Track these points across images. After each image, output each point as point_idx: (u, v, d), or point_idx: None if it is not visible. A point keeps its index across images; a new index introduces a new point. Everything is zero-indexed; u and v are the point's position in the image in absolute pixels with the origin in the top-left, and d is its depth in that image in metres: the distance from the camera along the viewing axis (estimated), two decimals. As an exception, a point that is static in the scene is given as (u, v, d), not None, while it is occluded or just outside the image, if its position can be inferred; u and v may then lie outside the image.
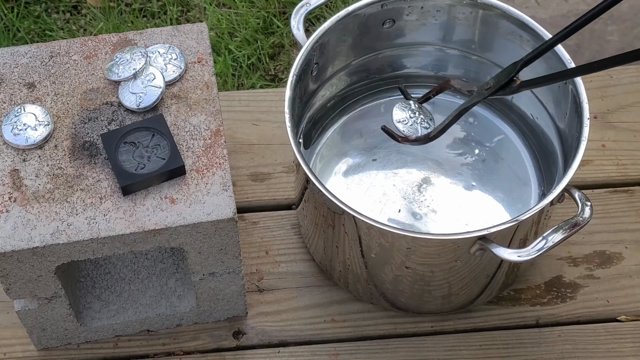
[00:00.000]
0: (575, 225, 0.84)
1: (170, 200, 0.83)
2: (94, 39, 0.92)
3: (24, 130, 0.85)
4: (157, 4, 1.79)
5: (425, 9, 0.99)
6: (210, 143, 0.86)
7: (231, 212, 0.82)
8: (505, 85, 0.82)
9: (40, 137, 0.85)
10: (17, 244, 0.80)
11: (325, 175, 1.03)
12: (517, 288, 1.01)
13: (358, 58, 1.03)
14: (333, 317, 1.00)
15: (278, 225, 1.05)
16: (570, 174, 0.85)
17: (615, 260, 1.03)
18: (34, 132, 0.85)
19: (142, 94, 0.88)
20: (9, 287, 0.84)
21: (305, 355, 0.97)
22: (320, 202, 0.89)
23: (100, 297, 0.96)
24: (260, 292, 1.01)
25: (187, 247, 0.85)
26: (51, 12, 1.80)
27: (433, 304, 0.98)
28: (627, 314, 1.00)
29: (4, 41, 1.72)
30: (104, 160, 0.85)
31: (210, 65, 0.91)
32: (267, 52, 1.69)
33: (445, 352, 0.97)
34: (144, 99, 0.87)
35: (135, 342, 0.98)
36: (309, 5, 0.96)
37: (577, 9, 1.91)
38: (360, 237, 0.88)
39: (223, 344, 0.98)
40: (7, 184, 0.83)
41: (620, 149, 1.11)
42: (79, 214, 0.81)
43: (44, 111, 0.86)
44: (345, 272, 0.96)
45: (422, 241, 0.86)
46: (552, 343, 0.98)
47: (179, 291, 0.96)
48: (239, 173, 1.08)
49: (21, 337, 0.96)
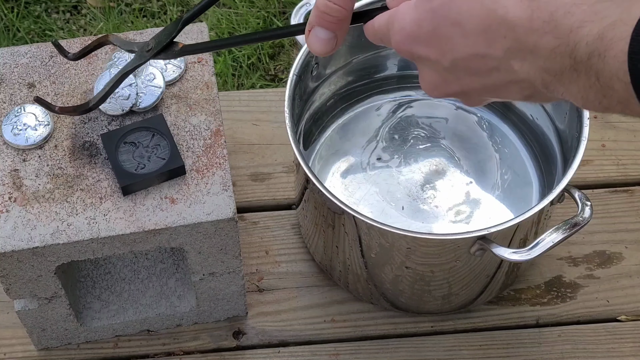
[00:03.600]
0: (575, 225, 0.84)
1: (170, 200, 0.83)
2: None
3: (24, 130, 0.85)
4: (157, 4, 1.79)
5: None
6: (210, 143, 0.86)
7: (231, 212, 0.82)
8: (167, 47, 0.75)
9: (40, 137, 0.85)
10: (17, 244, 0.80)
11: (325, 175, 1.03)
12: (517, 288, 1.01)
13: (358, 57, 1.03)
14: (333, 317, 1.00)
15: (278, 225, 1.05)
16: (570, 174, 0.85)
17: (615, 260, 1.03)
18: (34, 132, 0.85)
19: (142, 94, 0.88)
20: (9, 287, 0.84)
21: (305, 355, 0.97)
22: (320, 202, 0.89)
23: (100, 297, 0.96)
24: (260, 292, 1.01)
25: (187, 247, 0.85)
26: (51, 12, 1.80)
27: (433, 304, 0.98)
28: (627, 314, 1.00)
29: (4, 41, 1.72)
30: (104, 160, 0.85)
31: (210, 65, 0.91)
32: (267, 52, 1.70)
33: (445, 352, 0.97)
34: (144, 99, 0.87)
35: (135, 342, 0.98)
36: (309, 5, 0.96)
37: (577, 9, 1.90)
38: (360, 237, 0.88)
39: (223, 344, 0.98)
40: (7, 184, 0.83)
41: (620, 149, 1.11)
42: (79, 214, 0.81)
43: (44, 111, 0.86)
44: (345, 272, 0.96)
45: (422, 241, 0.86)
46: (552, 343, 0.98)
47: (179, 291, 0.96)
48: (239, 173, 1.08)
49: (21, 337, 0.96)
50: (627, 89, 0.47)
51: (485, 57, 0.54)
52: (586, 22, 0.48)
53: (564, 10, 0.49)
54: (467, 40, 0.54)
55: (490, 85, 0.56)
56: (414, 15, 0.56)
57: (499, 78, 0.55)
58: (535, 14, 0.50)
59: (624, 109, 0.49)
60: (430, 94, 0.60)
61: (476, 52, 0.54)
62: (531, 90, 0.54)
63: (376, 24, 0.61)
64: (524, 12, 0.51)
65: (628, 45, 0.46)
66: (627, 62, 0.46)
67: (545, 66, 0.51)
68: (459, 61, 0.55)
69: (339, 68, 1.02)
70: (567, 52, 0.49)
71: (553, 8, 0.50)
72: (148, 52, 0.75)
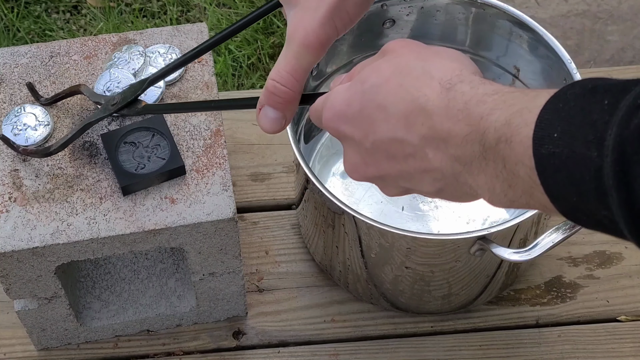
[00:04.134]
0: (575, 225, 0.84)
1: (170, 200, 0.83)
2: (94, 39, 0.92)
3: (24, 130, 0.85)
4: (157, 4, 1.79)
5: (426, 9, 0.99)
6: (210, 143, 0.86)
7: (231, 212, 0.82)
8: (131, 103, 0.78)
9: (40, 137, 0.85)
10: (17, 244, 0.80)
11: (325, 175, 1.03)
12: (517, 288, 1.01)
13: (358, 56, 1.03)
14: (333, 317, 1.00)
15: (278, 225, 1.05)
16: (570, 174, 0.85)
17: (615, 260, 1.03)
18: (34, 132, 0.85)
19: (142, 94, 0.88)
20: (9, 287, 0.84)
21: (305, 355, 0.97)
22: (320, 202, 0.90)
23: (100, 297, 0.96)
24: (260, 292, 1.01)
25: (187, 247, 0.85)
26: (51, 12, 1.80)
27: (433, 304, 0.98)
28: (627, 314, 1.00)
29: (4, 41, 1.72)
30: (104, 160, 0.85)
31: (210, 65, 0.91)
32: (267, 52, 1.70)
33: (445, 352, 0.97)
34: (144, 99, 0.87)
35: (135, 342, 0.98)
36: (308, 5, 0.96)
37: (576, 9, 1.91)
38: (360, 237, 0.88)
39: (223, 344, 0.98)
40: (7, 184, 0.83)
41: (620, 149, 1.11)
42: (79, 214, 0.81)
43: (44, 111, 0.86)
44: (345, 272, 0.97)
45: (422, 241, 0.86)
46: (552, 343, 0.98)
47: (179, 291, 0.96)
48: (239, 173, 1.08)
49: (21, 337, 0.96)
50: (531, 175, 0.49)
51: (403, 142, 0.56)
52: (495, 109, 0.51)
53: (477, 99, 0.52)
54: (388, 125, 0.56)
55: (405, 172, 0.58)
56: (345, 95, 0.59)
57: (414, 165, 0.57)
58: (451, 102, 0.53)
59: (529, 200, 0.51)
60: (351, 175, 0.63)
61: (395, 137, 0.56)
62: (443, 183, 0.57)
63: (315, 104, 0.64)
64: (441, 101, 0.54)
65: (532, 131, 0.48)
66: (532, 147, 0.48)
67: (457, 154, 0.53)
68: (379, 143, 0.58)
69: (340, 67, 1.03)
70: (477, 138, 0.52)
71: (468, 97, 0.53)
72: (113, 105, 0.79)
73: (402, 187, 0.61)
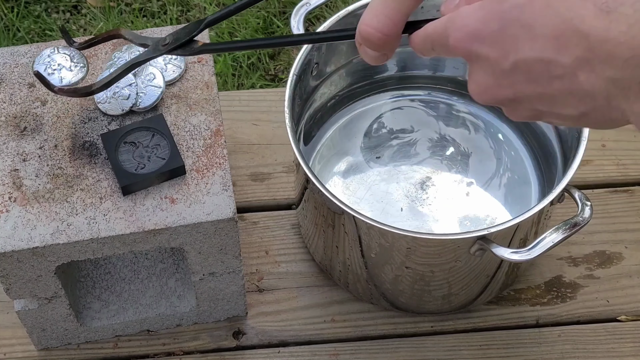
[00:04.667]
0: (575, 225, 0.84)
1: (170, 200, 0.83)
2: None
3: (58, 70, 0.82)
4: (157, 4, 1.79)
5: (426, 9, 0.99)
6: (210, 143, 0.86)
7: (231, 212, 0.82)
8: (185, 44, 0.74)
9: (75, 78, 0.81)
10: (17, 244, 0.80)
11: (325, 174, 1.03)
12: (517, 288, 1.01)
13: (358, 56, 1.03)
14: (333, 317, 1.00)
15: (278, 225, 1.05)
16: (570, 174, 0.85)
17: (615, 260, 1.03)
18: (68, 73, 0.82)
19: (142, 94, 0.88)
20: (9, 287, 0.84)
21: (305, 355, 0.97)
22: (320, 202, 0.90)
23: (100, 297, 0.96)
24: (260, 292, 1.01)
25: (187, 247, 0.85)
26: (51, 12, 1.80)
27: (433, 304, 0.98)
28: (627, 314, 1.00)
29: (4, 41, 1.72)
30: (104, 160, 0.85)
31: (210, 65, 0.91)
32: (267, 51, 1.70)
33: (445, 352, 0.97)
34: (144, 98, 0.87)
35: (135, 342, 0.98)
36: (309, 5, 0.96)
37: None
38: (360, 237, 0.88)
39: (223, 344, 0.98)
40: (7, 184, 0.83)
41: (620, 149, 1.11)
42: (79, 214, 0.82)
43: (79, 53, 0.82)
44: (345, 272, 0.97)
45: (422, 241, 0.86)
46: (552, 343, 0.98)
47: (179, 291, 0.96)
48: (239, 173, 1.08)
49: (21, 337, 0.96)
50: None
51: (551, 64, 0.53)
52: None
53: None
54: (534, 44, 0.53)
55: (547, 95, 0.54)
56: (480, 14, 0.55)
57: (560, 87, 0.53)
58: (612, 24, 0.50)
59: None
60: (478, 97, 0.59)
61: (542, 57, 0.53)
62: (591, 106, 0.53)
63: (429, 28, 0.60)
64: (600, 22, 0.50)
65: None
66: None
67: (615, 77, 0.50)
68: (521, 63, 0.54)
69: (340, 67, 1.02)
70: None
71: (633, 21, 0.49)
72: (164, 46, 0.74)
73: (536, 111, 0.57)
